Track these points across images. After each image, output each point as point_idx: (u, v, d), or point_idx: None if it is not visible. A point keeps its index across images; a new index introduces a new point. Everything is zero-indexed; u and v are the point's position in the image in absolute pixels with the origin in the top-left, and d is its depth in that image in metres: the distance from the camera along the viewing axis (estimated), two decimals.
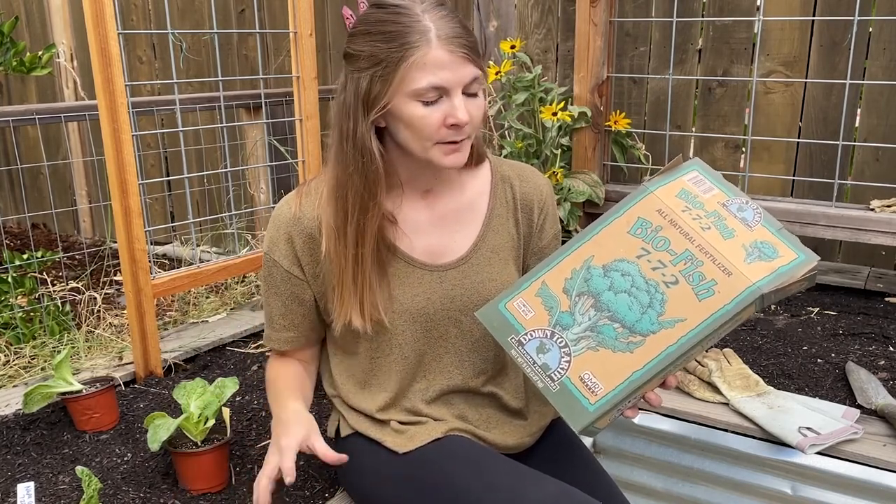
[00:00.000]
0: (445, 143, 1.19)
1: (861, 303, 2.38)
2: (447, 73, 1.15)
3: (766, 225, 1.13)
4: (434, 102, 1.16)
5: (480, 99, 1.21)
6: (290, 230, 1.30)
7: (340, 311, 1.28)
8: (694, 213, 1.15)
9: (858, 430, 1.61)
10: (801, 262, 1.08)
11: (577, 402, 1.09)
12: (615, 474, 1.63)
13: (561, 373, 1.12)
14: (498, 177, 1.37)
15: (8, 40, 2.62)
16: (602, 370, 1.10)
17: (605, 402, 1.08)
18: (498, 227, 1.36)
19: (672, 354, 1.07)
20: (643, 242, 1.15)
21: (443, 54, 1.14)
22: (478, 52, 1.19)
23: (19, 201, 4.41)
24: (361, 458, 1.33)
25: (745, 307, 1.06)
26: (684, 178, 1.20)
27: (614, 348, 1.10)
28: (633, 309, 1.11)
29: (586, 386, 1.10)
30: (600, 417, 1.08)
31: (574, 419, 1.09)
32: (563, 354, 1.12)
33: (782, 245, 1.11)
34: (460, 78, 1.16)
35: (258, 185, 3.24)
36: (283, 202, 1.33)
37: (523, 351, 1.15)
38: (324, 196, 1.27)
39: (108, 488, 1.52)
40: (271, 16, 3.57)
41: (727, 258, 1.09)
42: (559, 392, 1.11)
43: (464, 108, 1.16)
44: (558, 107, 2.46)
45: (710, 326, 1.06)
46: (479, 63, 1.19)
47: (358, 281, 1.25)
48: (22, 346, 2.27)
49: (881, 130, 2.53)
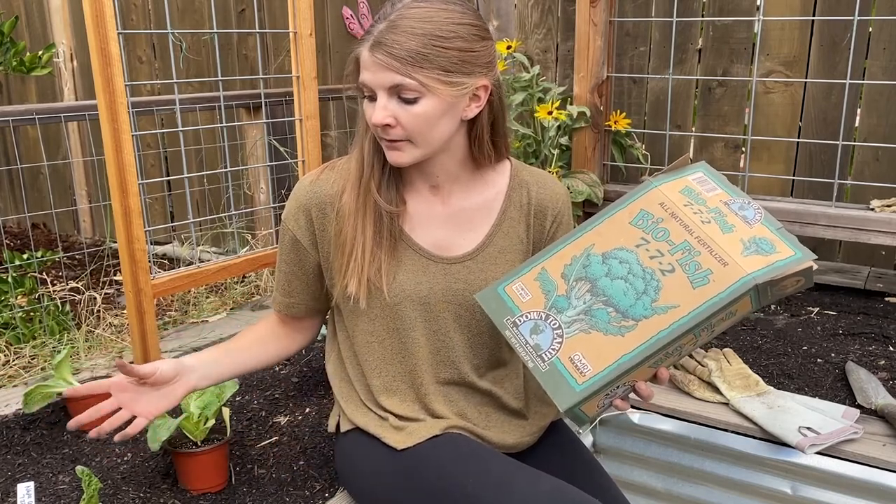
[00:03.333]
0: (383, 140, 1.26)
1: (861, 303, 2.38)
2: (368, 74, 1.23)
3: (766, 224, 1.15)
4: (372, 100, 1.24)
5: (417, 108, 1.22)
6: (307, 200, 1.36)
7: (340, 275, 1.34)
8: (695, 208, 1.17)
9: (858, 429, 1.61)
10: (797, 259, 1.09)
11: (565, 381, 1.10)
12: (615, 474, 1.63)
13: (552, 353, 1.13)
14: (516, 180, 1.40)
15: (8, 40, 2.62)
16: (592, 352, 1.10)
17: (593, 382, 1.09)
18: (508, 229, 1.38)
19: (662, 339, 1.08)
20: (643, 233, 1.16)
21: (367, 57, 1.22)
22: (417, 63, 1.19)
23: (19, 201, 4.41)
24: (360, 454, 1.35)
25: (739, 297, 1.07)
26: (689, 177, 1.22)
27: (606, 331, 1.11)
28: (628, 295, 1.12)
29: (575, 367, 1.10)
30: (587, 399, 1.09)
31: (560, 398, 1.10)
32: (556, 336, 1.14)
33: (780, 242, 1.12)
34: (379, 81, 1.22)
35: (258, 185, 3.24)
36: (306, 176, 1.40)
37: (517, 332, 1.17)
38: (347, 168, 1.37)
39: (108, 488, 1.52)
40: (271, 16, 3.57)
41: (724, 249, 1.10)
42: (548, 372, 1.12)
43: (381, 111, 1.22)
44: (554, 106, 2.46)
45: (702, 314, 1.07)
46: (414, 72, 1.19)
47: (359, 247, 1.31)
48: (22, 346, 2.27)
49: (881, 130, 2.53)
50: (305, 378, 2.02)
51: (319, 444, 1.67)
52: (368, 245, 1.30)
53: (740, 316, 1.14)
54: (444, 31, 1.20)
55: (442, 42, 1.20)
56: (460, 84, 1.23)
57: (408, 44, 1.19)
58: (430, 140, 1.26)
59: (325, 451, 1.65)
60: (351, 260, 1.31)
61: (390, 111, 1.22)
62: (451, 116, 1.26)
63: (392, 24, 1.20)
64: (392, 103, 1.22)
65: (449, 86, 1.22)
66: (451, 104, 1.24)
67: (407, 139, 1.25)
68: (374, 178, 1.32)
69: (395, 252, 1.33)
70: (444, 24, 1.20)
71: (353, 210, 1.32)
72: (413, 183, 1.36)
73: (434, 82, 1.20)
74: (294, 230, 1.38)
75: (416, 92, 1.21)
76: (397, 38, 1.19)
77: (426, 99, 1.22)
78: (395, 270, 1.33)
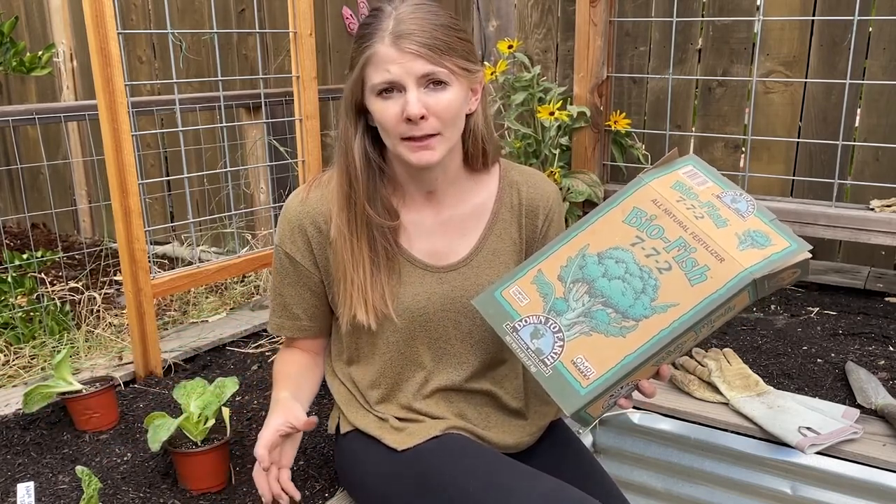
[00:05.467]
0: (409, 140, 1.22)
1: (861, 303, 2.38)
2: (395, 66, 1.19)
3: (760, 215, 1.14)
4: (392, 96, 1.21)
5: (448, 93, 1.21)
6: (300, 221, 1.34)
7: (345, 305, 1.31)
8: (688, 204, 1.16)
9: (858, 429, 1.61)
10: (793, 251, 1.09)
11: (570, 385, 1.10)
12: (615, 474, 1.63)
13: (554, 357, 1.12)
14: (506, 181, 1.39)
15: (8, 40, 2.62)
16: (594, 354, 1.10)
17: (597, 385, 1.08)
18: (501, 231, 1.37)
19: (664, 339, 1.07)
20: (638, 231, 1.16)
21: (391, 51, 1.19)
22: (443, 49, 1.20)
23: (19, 201, 4.41)
24: (360, 455, 1.35)
25: (737, 293, 1.07)
26: (679, 171, 1.22)
27: (607, 333, 1.11)
28: (627, 294, 1.12)
29: (579, 370, 1.10)
30: (592, 402, 1.09)
31: (566, 403, 1.09)
32: (557, 339, 1.13)
33: (775, 234, 1.12)
34: (409, 71, 1.19)
35: (258, 184, 3.24)
36: (293, 195, 1.37)
37: (518, 337, 1.16)
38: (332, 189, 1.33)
39: (108, 488, 1.52)
40: (271, 16, 3.57)
41: (720, 245, 1.10)
42: (552, 376, 1.11)
43: (417, 101, 1.19)
44: (556, 106, 2.46)
45: (702, 311, 1.07)
46: (442, 60, 1.20)
47: (359, 274, 1.28)
48: (22, 346, 2.27)
49: (881, 130, 2.53)
50: None
51: (319, 444, 1.67)
52: (368, 269, 1.28)
53: (738, 309, 1.14)
54: (452, 23, 1.23)
55: (455, 32, 1.22)
56: (474, 72, 1.26)
57: (433, 32, 1.19)
58: (456, 131, 1.26)
59: (325, 451, 1.65)
60: (353, 289, 1.29)
61: (423, 102, 1.20)
62: (464, 108, 1.27)
63: (402, 19, 1.20)
64: (422, 94, 1.20)
65: (467, 73, 1.24)
66: (466, 94, 1.26)
67: (438, 132, 1.22)
68: (365, 193, 1.28)
69: (392, 269, 1.31)
70: (448, 18, 1.23)
71: (347, 235, 1.29)
72: (406, 193, 1.34)
73: (458, 69, 1.22)
74: (292, 253, 1.35)
75: (445, 80, 1.21)
76: (419, 28, 1.19)
77: (453, 87, 1.22)
78: (396, 289, 1.31)
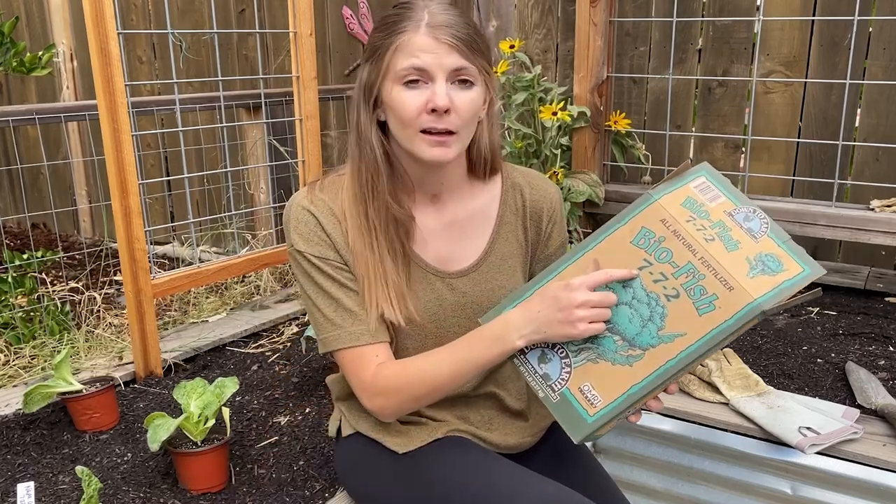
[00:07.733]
0: (429, 134, 1.19)
1: (861, 303, 2.38)
2: (429, 56, 1.16)
3: (773, 236, 1.11)
4: (417, 87, 1.18)
5: (472, 93, 1.20)
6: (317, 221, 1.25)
7: (371, 302, 1.25)
8: (698, 224, 1.13)
9: (858, 429, 1.61)
10: (806, 276, 1.06)
11: (577, 413, 1.11)
12: (615, 474, 1.63)
13: (561, 383, 1.13)
14: (508, 184, 1.37)
15: (8, 40, 2.62)
16: (601, 383, 1.10)
17: (604, 414, 1.09)
18: (507, 234, 1.36)
19: (671, 369, 1.07)
20: (646, 254, 1.13)
21: (427, 40, 1.16)
22: (475, 48, 1.19)
23: (19, 201, 4.41)
24: (362, 458, 1.34)
25: (745, 323, 1.05)
26: (691, 184, 1.17)
27: (614, 361, 1.11)
28: (634, 322, 1.11)
29: (585, 398, 1.11)
30: (599, 429, 1.10)
31: (573, 430, 1.11)
32: (564, 365, 1.13)
33: (787, 258, 1.08)
34: (443, 63, 1.16)
35: (258, 184, 3.24)
36: (295, 203, 1.28)
37: (525, 360, 1.16)
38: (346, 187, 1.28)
39: (108, 488, 1.52)
40: (271, 16, 3.57)
41: (729, 272, 1.07)
42: (559, 403, 1.13)
43: (445, 93, 1.16)
44: (558, 106, 2.46)
45: (709, 342, 1.06)
46: (474, 58, 1.19)
47: (379, 271, 1.24)
48: (22, 346, 2.27)
49: (881, 130, 2.53)
50: (305, 378, 2.02)
51: (319, 444, 1.67)
52: (390, 267, 1.24)
53: (745, 330, 1.12)
54: (476, 27, 1.22)
55: (480, 36, 1.22)
56: (492, 77, 1.26)
57: (466, 30, 1.19)
58: (469, 134, 1.24)
59: (325, 451, 1.65)
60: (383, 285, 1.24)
61: (449, 95, 1.17)
62: (480, 112, 1.26)
63: (436, 13, 1.18)
64: (448, 88, 1.18)
65: (488, 76, 1.23)
66: (484, 99, 1.25)
67: (456, 130, 1.20)
68: (390, 181, 1.24)
69: (407, 272, 1.28)
70: (471, 21, 1.22)
71: (366, 231, 1.24)
72: (415, 195, 1.31)
73: (482, 70, 1.21)
74: (322, 254, 1.25)
75: (472, 79, 1.20)
76: (456, 23, 1.18)
77: (477, 87, 1.21)
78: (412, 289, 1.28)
